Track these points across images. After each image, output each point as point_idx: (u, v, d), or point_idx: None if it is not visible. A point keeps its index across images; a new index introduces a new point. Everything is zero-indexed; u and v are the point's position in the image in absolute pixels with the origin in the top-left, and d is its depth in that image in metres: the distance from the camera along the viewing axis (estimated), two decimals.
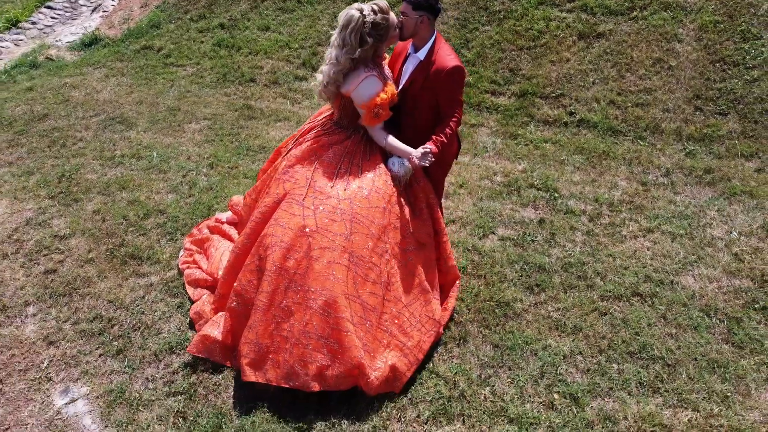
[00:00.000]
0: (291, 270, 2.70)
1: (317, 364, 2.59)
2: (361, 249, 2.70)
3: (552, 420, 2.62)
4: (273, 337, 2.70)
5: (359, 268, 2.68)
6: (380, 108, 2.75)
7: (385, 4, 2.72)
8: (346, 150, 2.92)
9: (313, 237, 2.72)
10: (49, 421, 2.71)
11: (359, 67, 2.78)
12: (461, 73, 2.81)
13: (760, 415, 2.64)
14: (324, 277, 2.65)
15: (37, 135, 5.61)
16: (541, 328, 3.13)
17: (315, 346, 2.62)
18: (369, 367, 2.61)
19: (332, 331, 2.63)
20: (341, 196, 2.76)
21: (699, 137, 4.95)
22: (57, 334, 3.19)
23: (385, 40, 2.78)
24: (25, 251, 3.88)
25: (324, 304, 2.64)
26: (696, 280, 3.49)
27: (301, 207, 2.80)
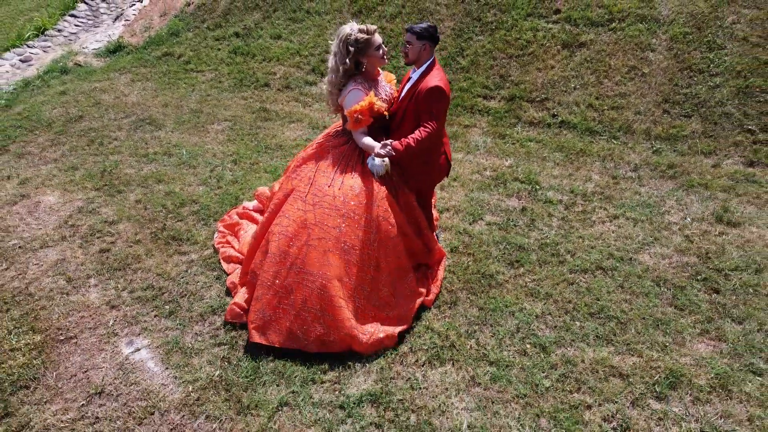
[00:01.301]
0: (293, 255, 3.34)
1: (316, 332, 3.25)
2: (353, 239, 3.32)
3: (524, 363, 3.27)
4: (276, 309, 3.34)
5: (350, 255, 3.31)
6: (360, 114, 3.33)
7: (371, 28, 3.34)
8: (343, 154, 3.54)
9: (312, 229, 3.35)
10: (119, 365, 3.36)
11: (350, 82, 3.40)
12: (439, 91, 3.26)
13: (691, 360, 3.29)
14: (320, 263, 3.29)
15: (76, 135, 6.26)
16: (518, 295, 3.78)
17: (313, 318, 3.27)
18: (360, 332, 3.26)
19: (327, 306, 3.26)
20: (336, 193, 3.37)
21: (665, 137, 5.60)
22: (117, 299, 3.84)
23: (365, 54, 3.34)
24: (81, 234, 4.53)
25: (320, 285, 3.27)
26: (651, 257, 4.14)
27: (303, 203, 3.43)
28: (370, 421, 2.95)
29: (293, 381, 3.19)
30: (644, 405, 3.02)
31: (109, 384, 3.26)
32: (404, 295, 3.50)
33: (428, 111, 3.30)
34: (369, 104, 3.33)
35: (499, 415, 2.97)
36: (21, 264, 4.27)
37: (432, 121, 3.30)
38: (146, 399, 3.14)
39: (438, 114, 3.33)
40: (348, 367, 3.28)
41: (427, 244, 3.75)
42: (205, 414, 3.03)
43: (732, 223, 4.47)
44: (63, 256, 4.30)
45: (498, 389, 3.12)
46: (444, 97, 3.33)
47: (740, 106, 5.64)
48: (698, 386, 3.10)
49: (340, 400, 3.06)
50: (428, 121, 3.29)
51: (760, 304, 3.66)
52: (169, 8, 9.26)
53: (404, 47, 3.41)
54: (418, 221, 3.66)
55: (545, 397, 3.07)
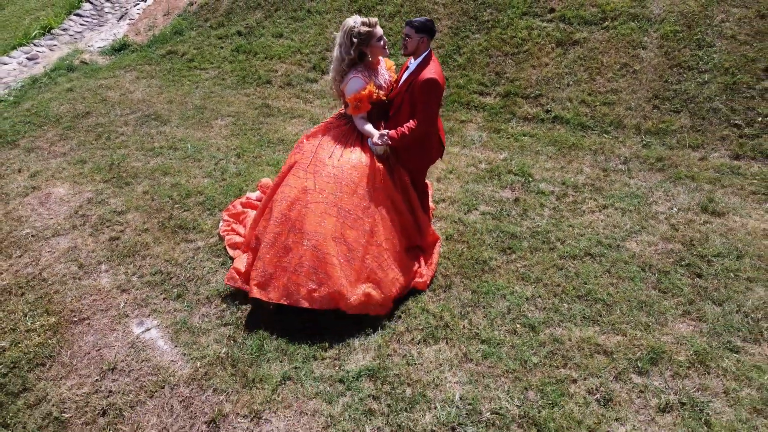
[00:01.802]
0: (293, 218, 3.57)
1: (307, 288, 3.45)
2: (348, 205, 3.54)
3: (514, 341, 3.46)
4: (276, 267, 3.55)
5: (346, 219, 3.53)
6: (359, 101, 3.59)
7: (373, 20, 3.58)
8: (342, 132, 3.80)
9: (311, 194, 3.59)
10: (131, 343, 3.55)
11: (351, 70, 3.64)
12: (434, 83, 3.48)
13: (672, 338, 3.47)
14: (317, 224, 3.51)
15: (84, 130, 6.45)
16: (510, 279, 3.96)
17: (306, 274, 3.47)
18: (349, 292, 3.45)
19: (320, 264, 3.47)
20: (336, 164, 3.62)
21: (655, 131, 5.78)
22: (127, 284, 4.03)
23: (368, 45, 3.58)
24: (91, 223, 4.72)
25: (315, 243, 3.49)
26: (638, 244, 4.32)
27: (305, 172, 3.68)
28: (368, 393, 3.13)
29: (296, 358, 3.37)
30: (626, 379, 3.20)
31: (122, 361, 3.44)
32: (395, 266, 3.67)
33: (423, 102, 3.52)
34: (368, 93, 3.57)
35: (490, 388, 3.15)
36: (34, 251, 4.46)
37: (426, 112, 3.54)
38: (157, 374, 3.33)
39: (431, 104, 3.56)
40: (347, 345, 3.46)
41: (418, 223, 3.93)
42: (212, 387, 3.21)
43: (716, 212, 4.65)
44: (74, 243, 4.49)
45: (489, 365, 3.30)
46: (438, 89, 3.54)
47: (727, 102, 5.82)
48: (678, 362, 3.29)
49: (340, 375, 3.25)
50: (422, 112, 3.52)
51: (739, 287, 3.84)
52: (172, 7, 9.45)
53: (404, 39, 3.61)
54: (411, 200, 3.86)
55: (533, 372, 3.26)
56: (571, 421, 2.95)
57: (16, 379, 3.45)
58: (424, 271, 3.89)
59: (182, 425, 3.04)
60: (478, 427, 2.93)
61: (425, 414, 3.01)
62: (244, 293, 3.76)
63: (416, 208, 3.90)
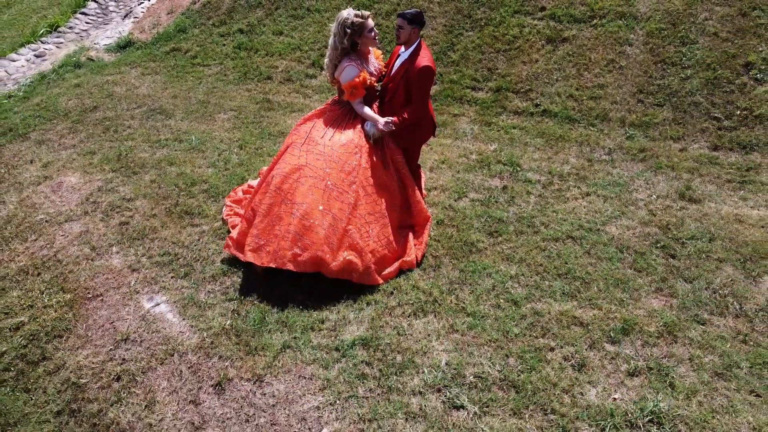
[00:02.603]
0: (285, 190, 3.89)
1: (293, 252, 3.75)
2: (335, 179, 3.85)
3: (497, 314, 3.73)
4: (268, 235, 3.87)
5: (332, 192, 3.84)
6: (354, 88, 3.92)
7: (365, 13, 3.90)
8: (336, 116, 4.13)
9: (303, 170, 3.90)
10: (142, 317, 3.82)
11: (344, 59, 3.94)
12: (428, 70, 3.84)
13: (644, 312, 3.74)
14: (305, 194, 3.82)
15: (92, 123, 6.72)
16: (495, 259, 4.23)
17: (293, 240, 3.77)
18: (330, 258, 3.74)
19: (306, 231, 3.77)
20: (326, 143, 3.95)
21: (638, 124, 6.05)
22: (137, 264, 4.30)
23: (360, 35, 3.89)
24: (102, 209, 4.99)
25: (303, 212, 3.79)
26: (617, 228, 4.59)
27: (299, 150, 4.01)
28: (362, 360, 3.40)
29: (295, 329, 3.64)
30: (600, 347, 3.47)
31: (134, 332, 3.71)
32: (378, 240, 3.95)
33: (418, 87, 3.87)
34: (363, 79, 3.89)
35: (474, 355, 3.42)
36: (48, 235, 4.73)
37: (422, 97, 3.94)
38: (167, 344, 3.60)
39: (425, 89, 3.95)
40: (343, 317, 3.73)
41: (408, 200, 4.21)
42: (218, 355, 3.49)
43: (693, 199, 4.92)
44: (86, 228, 4.76)
45: (473, 335, 3.57)
46: (432, 74, 3.93)
47: (708, 96, 6.09)
48: (648, 332, 3.56)
49: (336, 344, 3.52)
50: (418, 97, 3.90)
51: (710, 267, 4.11)
52: (176, 6, 9.72)
53: (397, 30, 3.90)
54: (403, 178, 4.14)
55: (514, 341, 3.53)
56: (546, 383, 3.22)
57: (36, 349, 3.72)
58: (412, 250, 4.15)
59: (190, 388, 3.32)
60: (462, 389, 3.20)
61: (413, 377, 3.28)
62: (247, 272, 4.03)
63: (408, 186, 4.17)
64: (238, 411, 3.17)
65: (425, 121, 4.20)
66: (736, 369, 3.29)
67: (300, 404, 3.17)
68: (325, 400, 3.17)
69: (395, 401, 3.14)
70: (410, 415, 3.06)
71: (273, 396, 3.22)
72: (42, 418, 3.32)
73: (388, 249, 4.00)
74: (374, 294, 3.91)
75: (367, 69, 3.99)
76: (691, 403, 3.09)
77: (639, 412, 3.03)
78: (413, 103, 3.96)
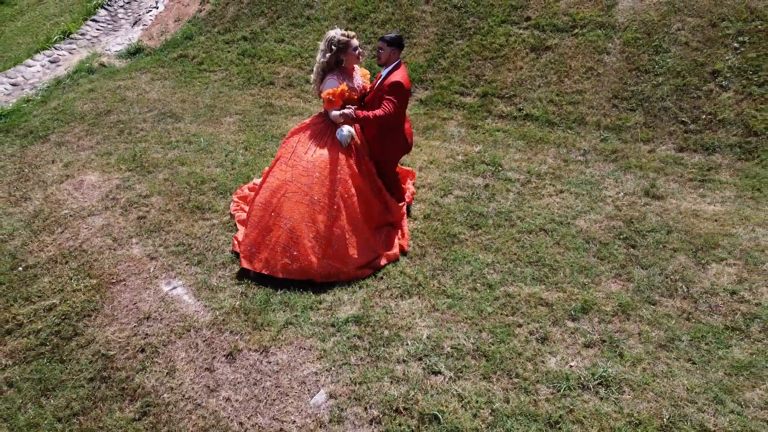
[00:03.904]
0: (274, 204, 4.39)
1: (282, 262, 4.28)
2: (318, 194, 4.33)
3: (474, 296, 4.24)
4: (259, 244, 4.39)
5: (316, 206, 4.32)
6: (332, 96, 4.34)
7: (350, 33, 4.37)
8: (319, 131, 4.57)
9: (289, 185, 4.39)
10: (161, 298, 4.33)
11: (329, 73, 4.43)
12: (399, 85, 4.26)
13: (603, 294, 4.25)
14: (292, 209, 4.32)
15: (107, 126, 7.23)
16: (474, 249, 4.75)
17: (282, 251, 4.30)
18: (317, 266, 4.26)
19: (294, 243, 4.29)
20: (310, 159, 4.41)
21: (612, 127, 6.56)
22: (155, 253, 4.81)
23: (345, 52, 4.36)
24: (120, 205, 5.50)
25: (291, 227, 4.30)
26: (585, 222, 5.10)
27: (286, 165, 4.50)
28: (354, 334, 3.92)
29: (296, 308, 4.16)
30: (562, 324, 3.98)
31: (154, 311, 4.23)
32: (359, 245, 4.45)
33: (388, 99, 4.30)
34: (341, 91, 4.33)
35: (451, 330, 3.93)
36: (73, 228, 5.25)
37: (387, 106, 4.29)
38: (184, 321, 4.11)
39: (395, 102, 4.30)
40: (338, 299, 4.25)
41: (386, 204, 4.72)
42: (229, 330, 4.00)
43: (656, 196, 5.43)
44: (107, 221, 5.28)
45: (452, 314, 4.09)
46: (402, 90, 4.32)
47: (677, 101, 6.60)
48: (604, 311, 4.07)
49: (332, 321, 4.03)
50: (385, 106, 4.30)
51: (665, 255, 4.62)
52: (182, 14, 10.23)
53: (378, 52, 4.39)
54: (378, 185, 4.65)
55: (488, 319, 4.04)
56: (513, 353, 3.73)
57: (68, 327, 4.24)
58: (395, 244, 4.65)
59: (206, 358, 3.83)
60: (440, 358, 3.71)
61: (399, 348, 3.80)
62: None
63: (382, 190, 4.68)
64: (247, 376, 3.68)
65: (395, 137, 4.61)
66: (678, 342, 3.80)
67: (300, 370, 3.68)
68: (322, 367, 3.68)
69: (382, 368, 3.65)
70: (395, 379, 3.57)
71: (277, 364, 3.74)
72: (77, 384, 3.84)
73: (369, 247, 4.50)
74: (366, 279, 4.42)
75: (348, 84, 4.46)
76: (636, 370, 3.60)
77: (591, 377, 3.54)
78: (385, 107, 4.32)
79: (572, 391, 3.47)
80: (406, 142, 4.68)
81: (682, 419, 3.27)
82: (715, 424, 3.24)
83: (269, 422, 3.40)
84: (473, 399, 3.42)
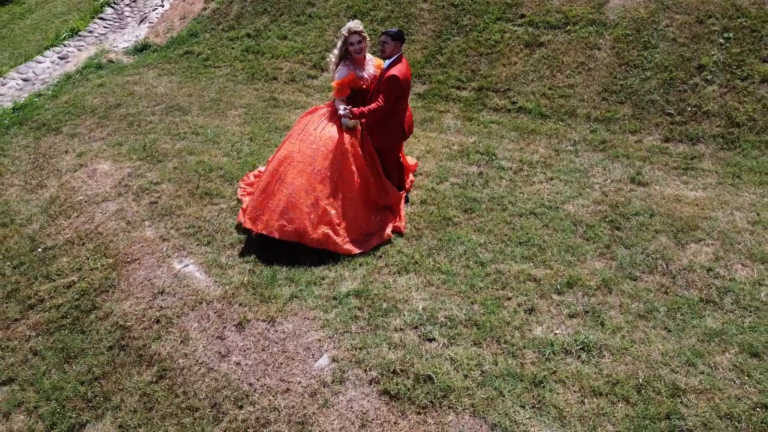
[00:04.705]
0: (280, 172, 4.74)
1: (280, 223, 4.60)
2: (320, 166, 4.67)
3: (466, 273, 4.53)
4: (264, 208, 4.73)
5: (316, 176, 4.66)
6: (341, 86, 4.74)
7: (357, 28, 4.68)
8: (330, 113, 4.94)
9: (295, 156, 4.75)
10: (174, 275, 4.62)
11: (341, 62, 4.78)
12: (394, 79, 4.56)
13: (588, 271, 4.54)
14: (294, 177, 4.66)
15: (117, 119, 7.53)
16: (468, 231, 5.04)
17: (281, 213, 4.62)
18: (311, 231, 4.58)
19: (292, 207, 4.61)
20: (317, 135, 4.78)
21: (602, 119, 6.85)
22: (167, 234, 5.11)
23: (347, 45, 4.72)
24: (133, 191, 5.80)
25: (291, 192, 4.64)
26: (574, 207, 5.39)
27: (296, 140, 4.87)
28: (355, 306, 4.21)
29: (300, 283, 4.45)
30: (548, 297, 4.27)
31: (168, 287, 4.52)
32: (352, 219, 4.77)
33: (384, 92, 4.61)
34: (349, 78, 4.64)
35: (445, 303, 4.22)
36: (89, 213, 5.54)
37: (382, 101, 4.61)
38: (196, 295, 4.41)
39: (391, 95, 4.62)
40: (340, 275, 4.54)
41: (383, 187, 5.02)
42: (238, 302, 4.29)
43: (641, 183, 5.72)
44: (121, 206, 5.57)
45: (446, 288, 4.38)
46: (397, 84, 4.61)
47: (664, 95, 6.90)
48: (588, 285, 4.36)
49: (334, 294, 4.33)
50: (380, 100, 4.62)
51: (647, 236, 4.91)
52: (187, 12, 10.53)
53: (381, 45, 4.69)
54: (378, 168, 4.95)
55: (479, 292, 4.33)
56: (502, 322, 4.03)
57: (87, 301, 4.53)
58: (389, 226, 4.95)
59: (217, 327, 4.12)
60: (434, 327, 4.00)
61: (396, 318, 4.09)
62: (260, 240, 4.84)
63: (381, 174, 4.98)
64: (256, 343, 3.97)
65: (392, 126, 4.91)
66: (655, 312, 4.10)
67: (305, 338, 3.97)
68: (324, 335, 3.98)
69: (381, 335, 3.94)
70: (392, 345, 3.87)
71: (283, 332, 4.03)
72: (97, 352, 4.13)
73: (364, 224, 4.81)
74: (366, 257, 4.72)
75: (358, 74, 4.78)
76: (616, 337, 3.90)
77: (573, 343, 3.83)
78: (379, 102, 4.66)
79: (556, 356, 3.76)
80: (402, 130, 4.98)
81: (656, 379, 3.56)
82: (686, 383, 3.53)
83: (277, 383, 3.69)
84: (464, 362, 3.71)
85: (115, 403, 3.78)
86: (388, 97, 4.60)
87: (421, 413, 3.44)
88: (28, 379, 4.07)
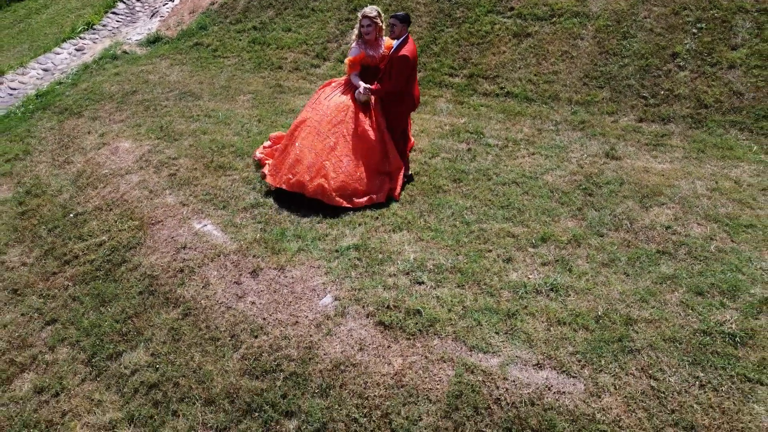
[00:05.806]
0: (294, 135, 5.46)
1: (286, 176, 5.30)
2: (324, 128, 5.34)
3: (453, 230, 5.12)
4: (280, 164, 5.46)
5: (319, 136, 5.34)
6: (352, 63, 5.40)
7: (369, 14, 5.31)
8: (340, 85, 5.61)
9: (306, 121, 5.46)
10: (194, 233, 5.21)
11: (355, 42, 5.42)
12: (404, 59, 5.19)
13: (561, 229, 5.12)
14: (304, 138, 5.36)
15: (134, 104, 8.12)
16: (455, 197, 5.62)
17: (288, 167, 5.34)
18: (309, 183, 5.23)
19: (297, 163, 5.30)
20: (328, 103, 5.46)
21: (582, 102, 7.44)
22: (186, 201, 5.70)
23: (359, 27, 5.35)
24: (153, 165, 6.39)
25: (299, 150, 5.34)
26: (552, 177, 5.97)
27: (309, 107, 5.59)
28: (354, 257, 4.80)
29: (306, 239, 5.04)
30: (524, 249, 4.86)
31: (189, 243, 5.12)
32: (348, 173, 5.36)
33: (396, 71, 5.24)
34: (357, 58, 5.29)
35: (433, 254, 4.81)
36: (114, 184, 6.14)
37: (397, 77, 5.26)
38: (214, 249, 5.00)
39: (402, 73, 5.26)
40: (342, 233, 5.13)
41: (386, 154, 5.60)
42: (252, 255, 4.88)
43: (615, 157, 6.30)
44: (143, 178, 6.16)
45: (434, 243, 4.97)
46: (407, 62, 5.24)
47: (640, 80, 7.48)
48: (560, 240, 4.95)
49: (336, 248, 4.92)
50: (394, 77, 5.26)
51: (616, 201, 5.49)
52: (197, 6, 11.13)
53: (391, 27, 5.29)
54: (384, 136, 5.53)
55: (464, 246, 4.92)
56: (483, 269, 4.61)
57: (117, 256, 5.13)
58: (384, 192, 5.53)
59: (234, 274, 4.72)
60: (423, 272, 4.59)
61: (390, 266, 4.68)
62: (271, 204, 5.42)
63: (387, 142, 5.57)
64: (268, 287, 4.56)
65: (407, 97, 5.55)
66: (617, 261, 4.68)
67: (311, 282, 4.56)
68: (328, 279, 4.57)
69: (377, 279, 4.53)
70: (387, 286, 4.46)
71: (292, 278, 4.62)
72: (129, 296, 4.73)
73: (358, 183, 5.39)
74: (364, 218, 5.30)
75: (367, 53, 5.43)
76: (581, 280, 4.48)
77: (544, 285, 4.42)
78: (392, 80, 5.31)
79: (528, 294, 4.34)
80: (413, 101, 5.65)
81: (613, 312, 4.15)
82: (638, 315, 4.12)
83: (287, 317, 4.28)
84: (449, 300, 4.30)
85: (147, 336, 4.38)
86: (400, 74, 5.23)
87: (411, 339, 4.03)
88: (70, 320, 4.67)
